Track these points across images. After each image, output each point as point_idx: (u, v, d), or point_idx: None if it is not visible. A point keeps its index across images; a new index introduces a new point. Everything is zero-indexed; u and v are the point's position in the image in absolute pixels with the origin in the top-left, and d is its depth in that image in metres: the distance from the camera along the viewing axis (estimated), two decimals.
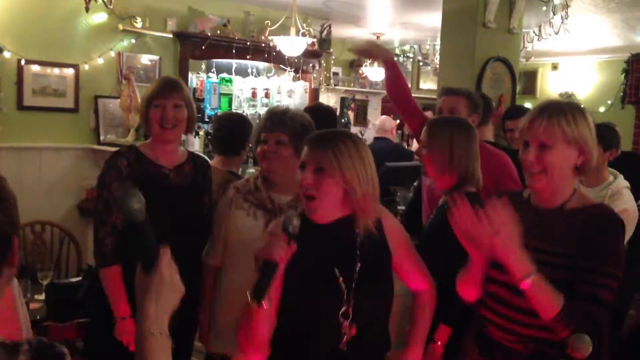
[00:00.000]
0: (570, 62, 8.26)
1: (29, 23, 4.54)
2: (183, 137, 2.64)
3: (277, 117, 2.23)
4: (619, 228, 1.67)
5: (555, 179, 1.69)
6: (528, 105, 6.16)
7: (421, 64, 8.30)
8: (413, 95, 3.19)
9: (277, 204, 2.23)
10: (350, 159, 1.64)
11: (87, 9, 3.74)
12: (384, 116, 6.13)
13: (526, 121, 1.73)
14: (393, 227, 1.81)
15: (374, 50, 3.18)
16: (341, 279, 1.64)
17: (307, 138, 1.75)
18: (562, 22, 4.95)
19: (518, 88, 4.76)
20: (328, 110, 3.64)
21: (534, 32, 5.33)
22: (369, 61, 7.38)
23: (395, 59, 3.57)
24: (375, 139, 5.75)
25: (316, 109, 3.28)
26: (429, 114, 3.79)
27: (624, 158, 3.15)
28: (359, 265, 1.67)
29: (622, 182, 3.00)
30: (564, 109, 1.69)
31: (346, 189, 1.64)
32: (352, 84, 7.70)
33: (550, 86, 8.50)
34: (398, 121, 6.60)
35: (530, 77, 8.48)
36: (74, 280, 3.44)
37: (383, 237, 1.74)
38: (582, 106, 1.76)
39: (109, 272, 2.30)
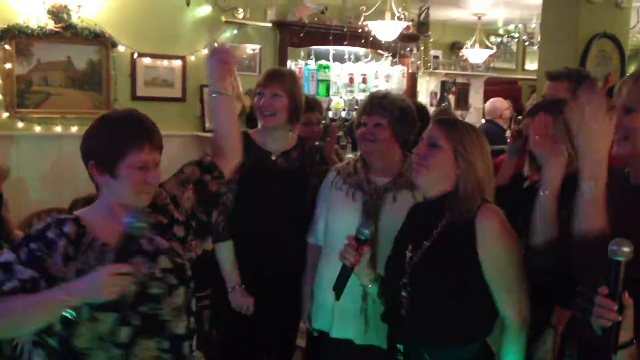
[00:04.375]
0: None
1: (140, 18, 4.85)
2: None
3: (377, 101, 2.30)
4: None
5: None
6: None
7: (527, 43, 7.93)
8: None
9: (374, 186, 2.28)
10: (469, 140, 1.71)
11: (188, 3, 3.94)
12: (494, 98, 5.85)
13: (618, 87, 1.65)
14: (490, 234, 1.66)
15: None
16: (409, 254, 1.75)
17: (433, 118, 1.86)
18: None
19: (633, 67, 4.45)
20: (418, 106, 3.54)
21: None
22: (469, 43, 7.19)
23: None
24: (487, 121, 5.56)
25: None
26: None
27: None
28: (426, 244, 1.73)
29: None
30: None
31: (456, 167, 1.70)
32: (452, 67, 7.54)
33: None
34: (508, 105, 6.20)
35: None
36: None
37: (471, 232, 1.66)
38: None
39: (222, 247, 2.50)
